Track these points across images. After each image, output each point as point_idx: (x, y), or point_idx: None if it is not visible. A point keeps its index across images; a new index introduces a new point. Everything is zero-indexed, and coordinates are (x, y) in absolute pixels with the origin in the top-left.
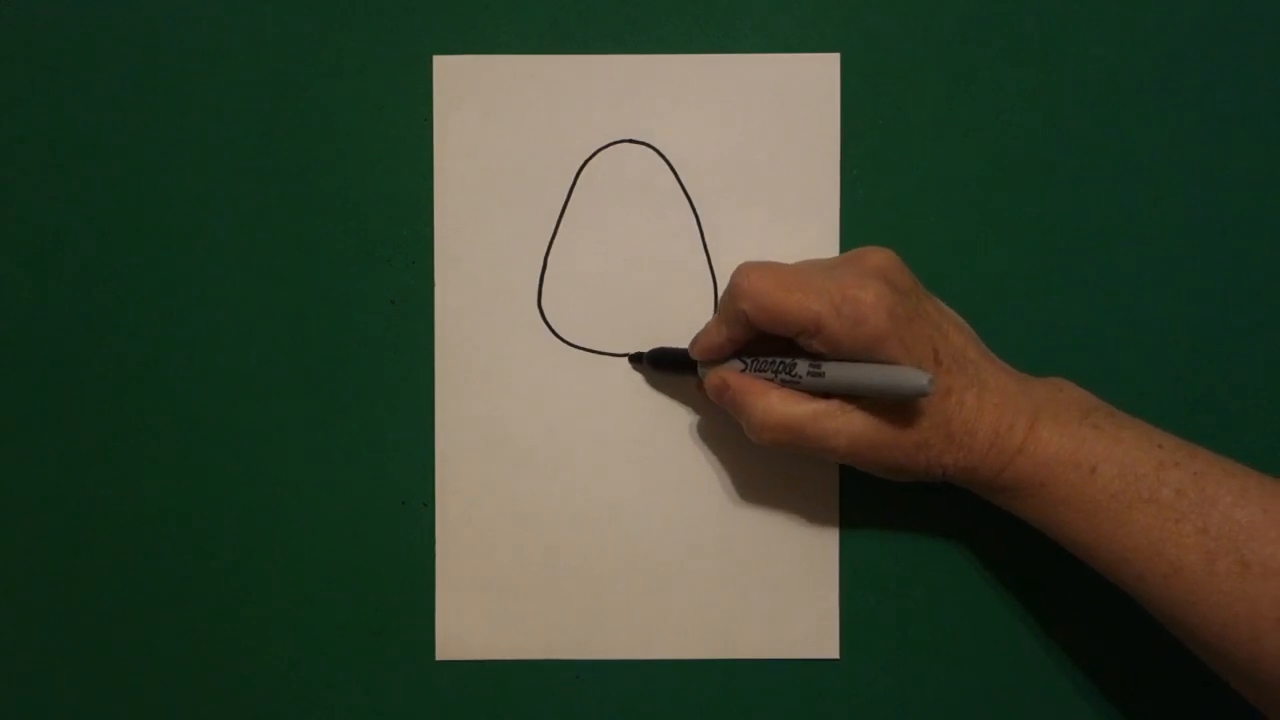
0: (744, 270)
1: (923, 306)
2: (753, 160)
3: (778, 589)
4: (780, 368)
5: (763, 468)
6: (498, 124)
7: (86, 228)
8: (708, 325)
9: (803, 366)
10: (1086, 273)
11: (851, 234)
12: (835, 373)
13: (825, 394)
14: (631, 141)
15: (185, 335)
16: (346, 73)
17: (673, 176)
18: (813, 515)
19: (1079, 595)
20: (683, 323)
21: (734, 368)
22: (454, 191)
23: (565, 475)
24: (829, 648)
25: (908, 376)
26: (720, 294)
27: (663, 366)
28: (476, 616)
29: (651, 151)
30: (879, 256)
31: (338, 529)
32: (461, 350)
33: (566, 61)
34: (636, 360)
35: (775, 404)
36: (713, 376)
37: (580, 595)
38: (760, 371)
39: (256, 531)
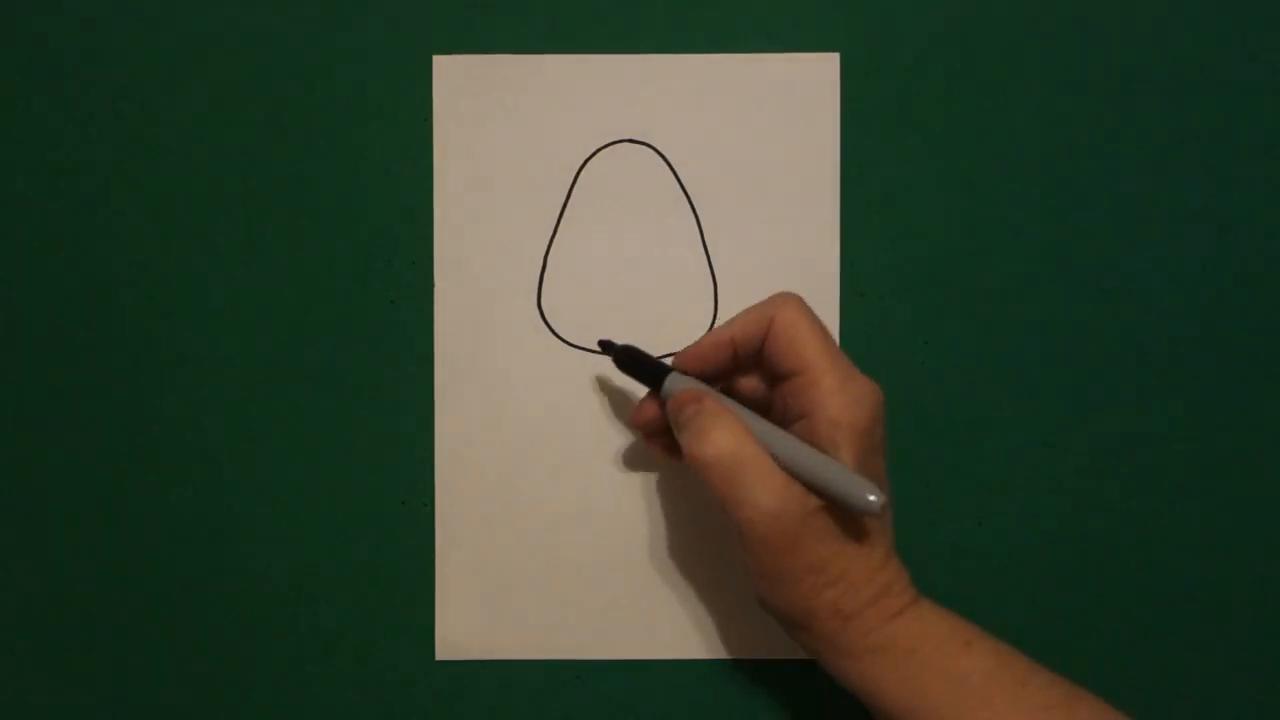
0: (794, 295)
1: (883, 451)
2: (753, 160)
3: None
4: (752, 414)
5: None
6: (498, 124)
7: (86, 228)
8: (712, 330)
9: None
10: (1086, 273)
11: (851, 234)
12: (797, 451)
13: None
14: (631, 141)
15: (185, 335)
16: (346, 73)
17: (673, 176)
18: None
19: (1079, 595)
20: (683, 323)
21: (708, 393)
22: (454, 191)
23: (565, 475)
24: None
25: (863, 486)
26: (719, 293)
27: (628, 365)
28: (476, 616)
29: (651, 151)
30: (878, 391)
31: (338, 529)
32: (461, 350)
33: (566, 61)
34: (606, 348)
35: (736, 433)
36: (690, 390)
37: (580, 595)
38: (739, 406)
39: (256, 531)
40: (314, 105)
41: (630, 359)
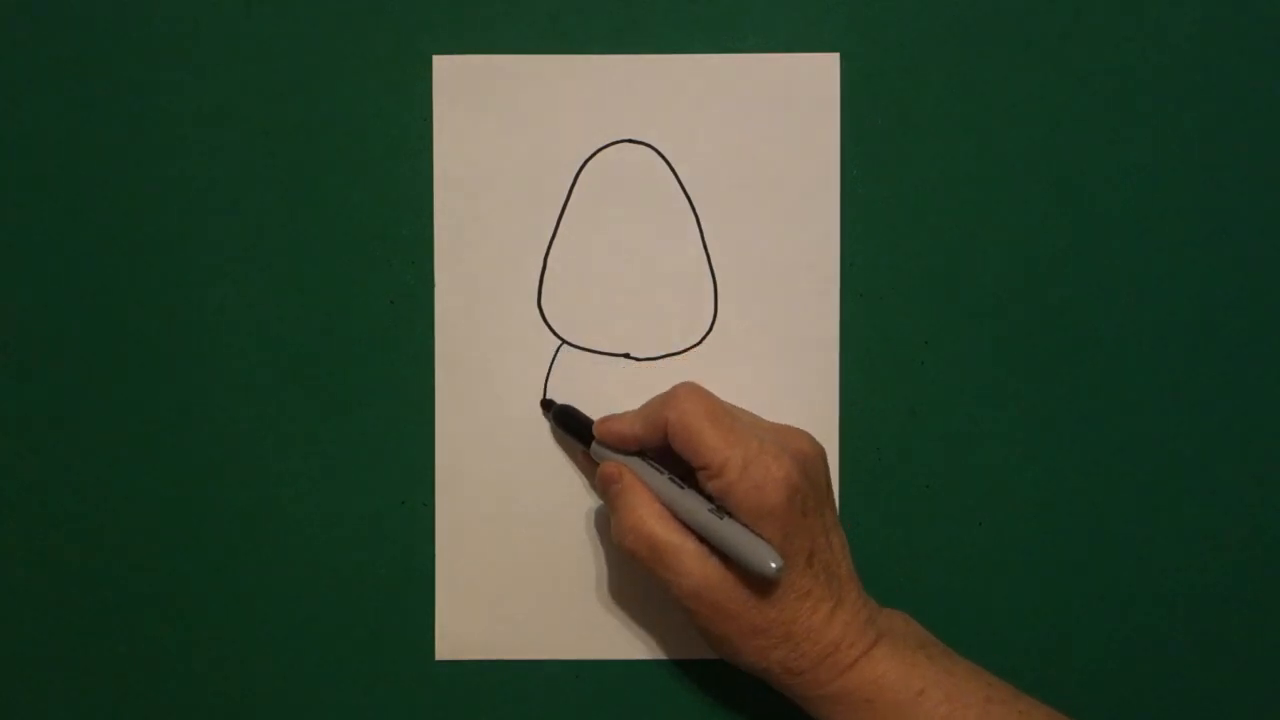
0: (687, 386)
1: (823, 509)
2: (753, 160)
3: None
4: (672, 479)
5: None
6: (498, 124)
7: (86, 228)
8: (625, 415)
9: (694, 497)
10: (1087, 273)
11: (851, 234)
12: (708, 521)
13: (693, 531)
14: (631, 141)
15: (185, 335)
16: (346, 73)
17: (673, 176)
18: None
19: (1079, 595)
20: (683, 323)
21: (630, 464)
22: (454, 191)
23: (565, 475)
24: None
25: (760, 552)
26: (718, 298)
27: (564, 425)
28: (476, 616)
29: (651, 151)
30: (808, 445)
31: (338, 529)
32: (461, 350)
33: (566, 61)
34: (545, 407)
35: (649, 518)
36: (610, 465)
37: (580, 595)
38: (658, 472)
39: (256, 531)
40: (314, 105)
41: (566, 420)
